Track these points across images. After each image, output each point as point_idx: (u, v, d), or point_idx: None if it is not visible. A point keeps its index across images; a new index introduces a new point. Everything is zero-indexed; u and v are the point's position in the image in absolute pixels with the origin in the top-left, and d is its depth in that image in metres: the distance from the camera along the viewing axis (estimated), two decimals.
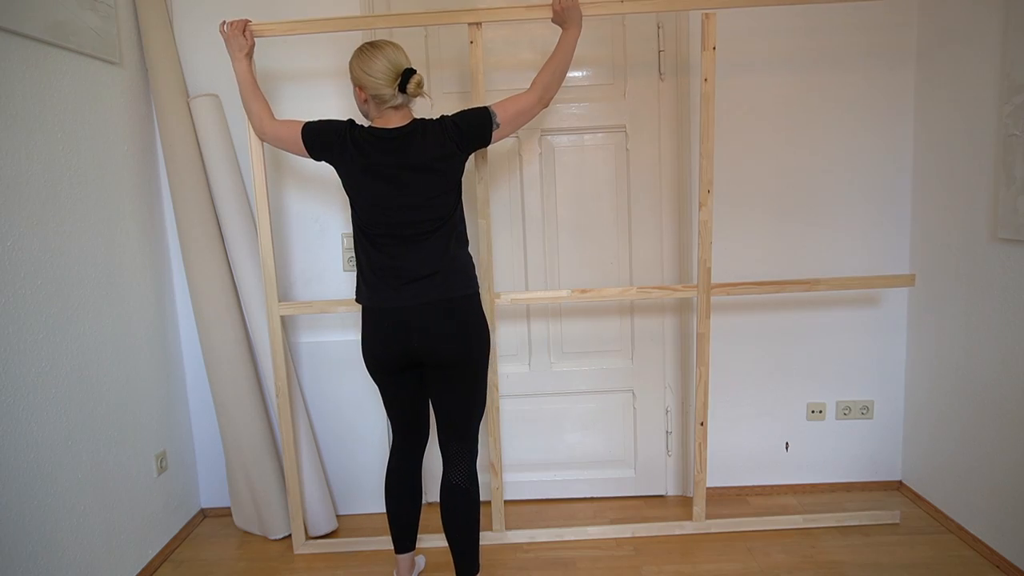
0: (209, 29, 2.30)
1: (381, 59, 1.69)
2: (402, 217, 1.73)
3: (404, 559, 2.03)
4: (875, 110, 2.36)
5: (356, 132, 1.76)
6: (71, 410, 1.85)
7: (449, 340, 1.75)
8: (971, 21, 2.08)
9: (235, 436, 2.33)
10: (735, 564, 2.13)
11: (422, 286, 1.74)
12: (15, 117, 1.69)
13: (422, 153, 1.71)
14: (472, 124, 1.76)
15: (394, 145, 1.72)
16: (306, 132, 1.81)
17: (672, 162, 2.42)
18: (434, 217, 1.74)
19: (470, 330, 1.78)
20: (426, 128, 1.74)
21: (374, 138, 1.74)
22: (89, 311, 1.95)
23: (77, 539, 1.85)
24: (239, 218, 2.27)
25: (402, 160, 1.71)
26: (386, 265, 1.76)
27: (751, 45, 2.32)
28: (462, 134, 1.74)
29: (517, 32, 2.35)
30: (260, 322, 2.28)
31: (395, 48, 1.72)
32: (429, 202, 1.73)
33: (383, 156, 1.72)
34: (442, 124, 1.75)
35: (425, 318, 1.74)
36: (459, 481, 1.84)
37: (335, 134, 1.77)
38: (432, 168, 1.72)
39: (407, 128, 1.73)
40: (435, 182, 1.73)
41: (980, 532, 2.14)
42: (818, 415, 2.53)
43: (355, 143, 1.74)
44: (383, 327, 1.78)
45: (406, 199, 1.72)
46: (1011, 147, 1.92)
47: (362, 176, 1.74)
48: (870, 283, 2.18)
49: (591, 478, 2.59)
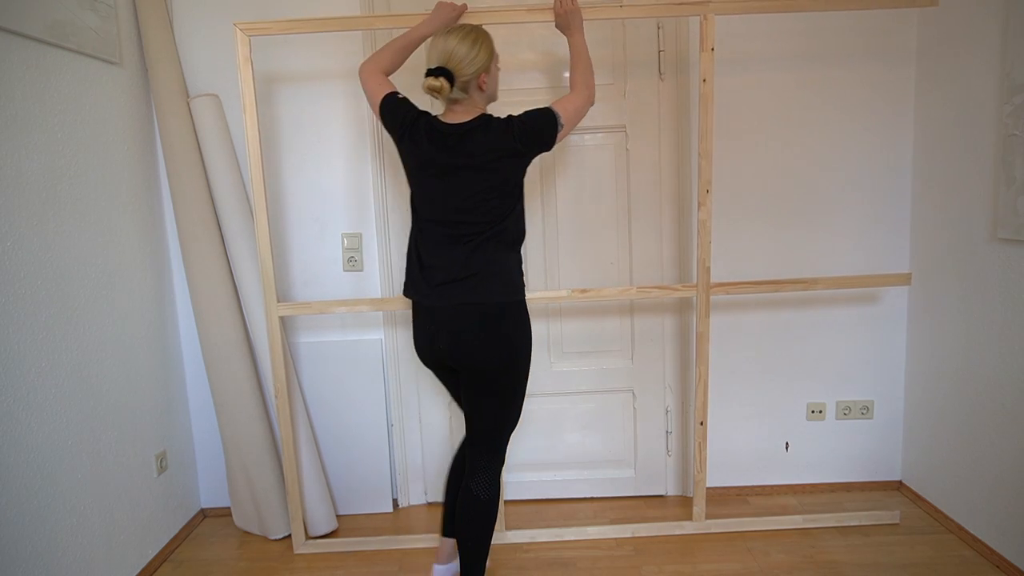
0: (209, 29, 2.30)
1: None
2: (450, 216, 1.69)
3: (448, 542, 2.00)
4: (875, 110, 2.36)
5: (422, 123, 1.71)
6: (71, 410, 1.85)
7: (478, 347, 1.69)
8: (971, 21, 2.08)
9: (235, 436, 2.33)
10: (735, 564, 2.13)
11: (456, 288, 1.69)
12: (15, 117, 1.69)
13: (479, 150, 1.66)
14: (539, 124, 1.70)
15: (451, 141, 1.67)
16: (384, 104, 1.77)
17: (672, 162, 2.42)
18: (483, 220, 1.68)
19: (502, 340, 1.70)
20: (490, 125, 1.68)
21: (434, 132, 1.69)
22: (89, 311, 1.95)
23: (77, 539, 1.85)
24: (239, 218, 2.27)
25: (456, 158, 1.66)
26: (429, 261, 1.72)
27: (751, 46, 2.32)
28: (528, 133, 1.68)
29: (518, 33, 2.35)
30: (260, 322, 2.28)
31: (447, 37, 1.65)
32: (479, 203, 1.67)
33: (438, 152, 1.68)
34: (508, 123, 1.68)
35: (455, 321, 1.69)
36: (476, 490, 1.80)
37: (401, 121, 1.73)
38: (486, 167, 1.66)
39: (469, 124, 1.68)
40: (488, 181, 1.67)
41: (980, 532, 2.14)
42: (818, 415, 2.53)
43: (414, 136, 1.70)
44: (421, 323, 1.77)
45: (455, 198, 1.68)
46: (1011, 147, 1.92)
47: (417, 171, 1.72)
48: (867, 282, 2.18)
49: (591, 478, 2.59)
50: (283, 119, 2.37)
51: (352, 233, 2.42)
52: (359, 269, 2.45)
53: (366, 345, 2.46)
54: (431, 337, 1.75)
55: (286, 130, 2.38)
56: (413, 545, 2.31)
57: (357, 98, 2.35)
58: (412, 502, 2.62)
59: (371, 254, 2.44)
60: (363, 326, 2.49)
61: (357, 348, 2.46)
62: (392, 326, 2.49)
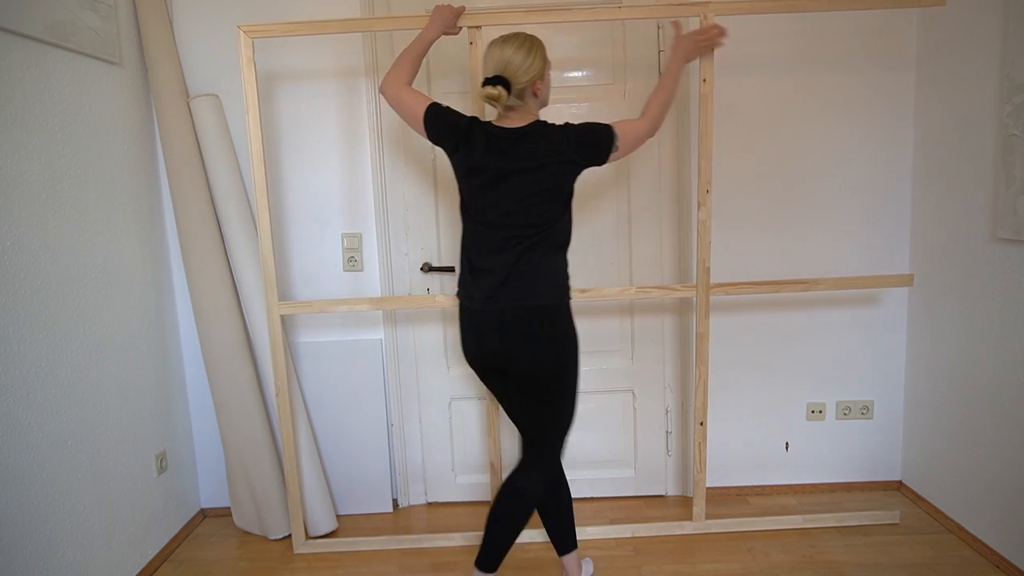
0: (209, 29, 2.30)
1: (487, 56, 1.69)
2: (501, 219, 1.70)
3: (569, 560, 1.95)
4: (875, 110, 2.36)
5: (477, 128, 1.73)
6: (71, 410, 1.85)
7: (527, 350, 1.69)
8: (971, 22, 2.08)
9: (235, 436, 2.33)
10: (735, 564, 2.13)
11: (505, 291, 1.69)
12: (15, 117, 1.69)
13: (534, 155, 1.67)
14: (595, 136, 1.72)
15: (506, 145, 1.69)
16: (428, 116, 1.77)
17: (672, 162, 2.42)
18: (533, 223, 1.69)
19: (550, 342, 1.70)
20: (546, 131, 1.70)
21: (490, 136, 1.71)
22: (89, 311, 1.95)
23: (77, 539, 1.85)
24: (239, 218, 2.27)
25: (510, 162, 1.67)
26: (479, 264, 1.73)
27: (751, 46, 2.32)
28: (583, 143, 1.70)
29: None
30: (260, 322, 2.28)
31: (503, 47, 1.67)
32: (529, 207, 1.68)
33: (493, 156, 1.69)
34: (564, 130, 1.71)
35: (505, 324, 1.70)
36: (520, 483, 1.80)
37: (453, 128, 1.74)
38: (539, 171, 1.67)
39: (525, 129, 1.70)
40: (540, 185, 1.67)
41: (980, 532, 2.14)
42: (818, 415, 2.53)
43: (470, 142, 1.71)
44: (469, 325, 1.77)
45: (507, 201, 1.68)
46: (1011, 147, 1.92)
47: (470, 175, 1.73)
48: (868, 283, 2.18)
49: (591, 478, 2.59)
50: (283, 119, 2.37)
51: (352, 233, 2.43)
52: (359, 269, 2.45)
53: (366, 345, 2.46)
54: (480, 339, 1.75)
55: (286, 130, 2.38)
56: (413, 545, 2.31)
57: (357, 98, 2.35)
58: (412, 502, 2.62)
59: (371, 254, 2.44)
60: (363, 326, 2.49)
61: (357, 348, 2.46)
62: (392, 326, 2.49)
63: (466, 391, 2.55)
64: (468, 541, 2.32)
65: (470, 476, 2.61)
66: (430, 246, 2.47)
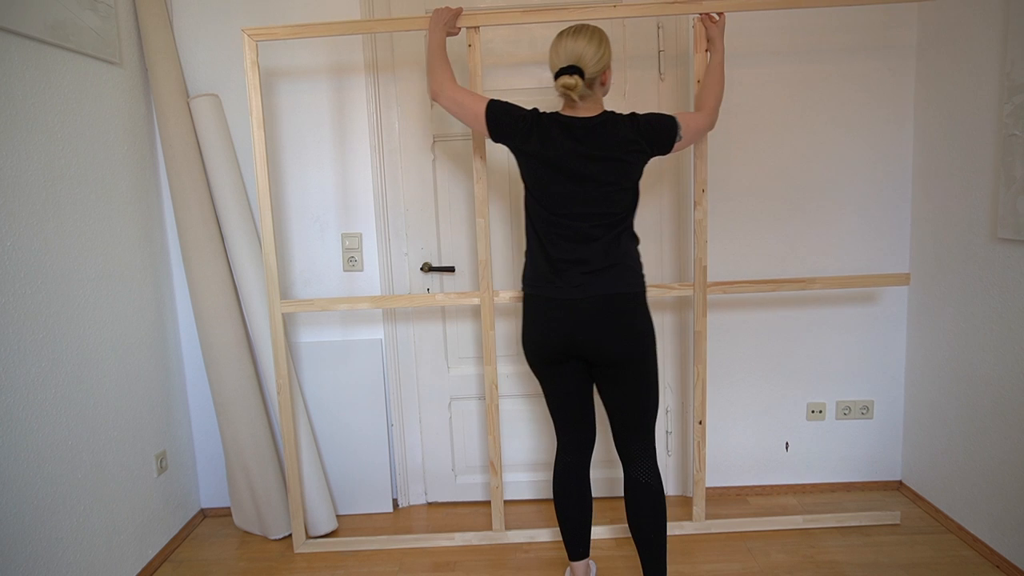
0: (209, 29, 2.30)
1: (559, 48, 1.68)
2: (581, 209, 1.70)
3: (579, 566, 1.96)
4: (875, 109, 2.36)
5: (544, 120, 1.73)
6: (71, 410, 1.85)
7: (616, 337, 1.71)
8: (971, 21, 2.08)
9: (235, 436, 2.33)
10: (735, 564, 2.13)
11: (597, 280, 1.71)
12: (15, 117, 1.69)
13: (611, 142, 1.69)
14: (662, 125, 1.75)
15: (581, 133, 1.69)
16: (490, 112, 1.77)
17: (672, 161, 2.42)
18: (611, 212, 1.71)
19: (638, 327, 1.73)
20: (617, 120, 1.72)
21: (562, 126, 1.71)
22: (89, 311, 1.95)
23: (77, 539, 1.85)
24: (239, 218, 2.27)
25: (589, 149, 1.68)
26: (562, 256, 1.73)
27: (749, 45, 2.32)
28: (652, 132, 1.73)
29: (517, 32, 2.35)
30: (260, 322, 2.28)
31: (575, 38, 1.67)
32: (610, 196, 1.70)
33: (570, 144, 1.69)
34: (634, 119, 1.73)
35: (594, 313, 1.71)
36: (644, 477, 1.80)
37: (520, 121, 1.74)
38: (618, 158, 1.69)
39: (597, 118, 1.71)
40: (618, 173, 1.70)
41: (980, 532, 2.14)
42: (818, 415, 2.53)
43: (543, 132, 1.71)
44: (549, 317, 1.75)
45: (587, 192, 1.69)
46: (1011, 147, 1.92)
47: (544, 167, 1.71)
48: (864, 282, 2.18)
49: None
50: (283, 119, 2.37)
51: (352, 233, 2.43)
52: (359, 269, 2.45)
53: (366, 345, 2.47)
54: (561, 331, 1.74)
55: (286, 130, 2.38)
56: (413, 545, 2.31)
57: (357, 97, 2.35)
58: (412, 502, 2.62)
59: (371, 254, 2.44)
60: (363, 325, 2.49)
61: (357, 348, 2.46)
62: (392, 325, 2.49)
63: (466, 391, 2.55)
64: (468, 541, 2.32)
65: (470, 476, 2.61)
66: (430, 246, 2.47)
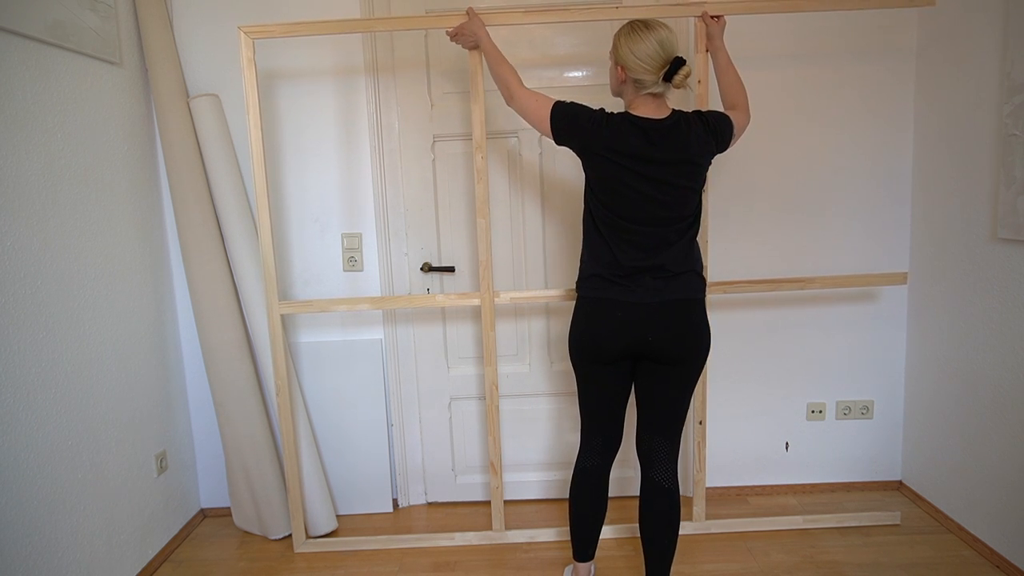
0: (209, 29, 2.30)
1: (651, 41, 1.60)
2: (654, 213, 1.66)
3: (583, 568, 1.94)
4: (875, 109, 2.36)
5: (615, 119, 1.65)
6: (71, 410, 1.85)
7: (683, 340, 1.70)
8: (971, 21, 2.08)
9: (235, 436, 2.33)
10: (735, 564, 2.13)
11: (673, 284, 1.69)
12: (15, 117, 1.69)
13: (688, 146, 1.64)
14: (725, 126, 1.74)
15: (656, 136, 1.63)
16: (556, 114, 1.71)
17: None
18: (682, 215, 1.68)
19: (703, 331, 1.73)
20: (689, 120, 1.68)
21: (638, 128, 1.63)
22: (89, 311, 1.95)
23: (77, 539, 1.85)
24: (239, 218, 2.27)
25: (667, 153, 1.63)
26: (629, 262, 1.68)
27: (749, 45, 2.32)
28: (718, 131, 1.71)
29: (517, 32, 2.35)
30: (260, 322, 2.28)
31: (668, 31, 1.62)
32: (681, 199, 1.67)
33: (645, 146, 1.63)
34: (703, 118, 1.70)
35: (668, 316, 1.69)
36: (663, 480, 1.78)
37: (588, 122, 1.67)
38: (694, 162, 1.66)
39: (671, 119, 1.66)
40: (693, 177, 1.67)
41: (980, 532, 2.14)
42: (818, 415, 2.53)
43: (617, 132, 1.64)
44: (618, 319, 1.69)
45: (661, 195, 1.65)
46: (1011, 147, 1.92)
47: (615, 169, 1.64)
48: (862, 281, 2.19)
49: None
50: (283, 119, 2.37)
51: (352, 233, 2.43)
52: (359, 269, 2.45)
53: (366, 345, 2.47)
54: (627, 333, 1.70)
55: (286, 130, 2.38)
56: (413, 545, 2.31)
57: (357, 97, 2.35)
58: (412, 502, 2.62)
59: (371, 254, 2.44)
60: (363, 326, 2.49)
61: (357, 348, 2.46)
62: (392, 326, 2.49)
63: (466, 391, 2.55)
64: (468, 541, 2.32)
65: (470, 476, 2.61)
66: (430, 246, 2.47)
